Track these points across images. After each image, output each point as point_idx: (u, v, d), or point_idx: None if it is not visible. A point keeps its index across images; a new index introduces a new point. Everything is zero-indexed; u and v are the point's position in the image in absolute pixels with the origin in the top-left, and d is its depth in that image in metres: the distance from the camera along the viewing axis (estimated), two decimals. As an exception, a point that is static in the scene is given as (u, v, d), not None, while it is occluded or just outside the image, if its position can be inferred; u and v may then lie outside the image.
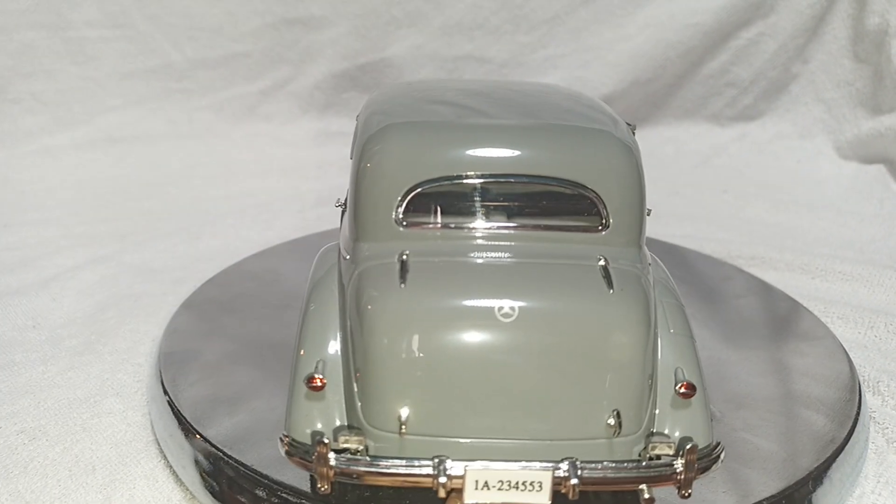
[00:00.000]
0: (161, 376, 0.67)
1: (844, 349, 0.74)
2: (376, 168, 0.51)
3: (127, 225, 1.08)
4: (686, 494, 0.44)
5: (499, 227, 0.50)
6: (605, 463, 0.43)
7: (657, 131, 1.50)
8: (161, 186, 1.23)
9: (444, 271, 0.47)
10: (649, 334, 0.45)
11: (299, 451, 0.45)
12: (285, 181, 1.27)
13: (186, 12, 1.39)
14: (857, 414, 0.64)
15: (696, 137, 1.51)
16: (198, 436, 0.59)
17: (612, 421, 0.43)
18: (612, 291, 0.46)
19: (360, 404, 0.45)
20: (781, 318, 0.85)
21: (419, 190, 0.49)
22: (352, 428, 0.45)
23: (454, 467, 0.42)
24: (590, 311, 0.45)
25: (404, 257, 0.47)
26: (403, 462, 0.43)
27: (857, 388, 0.68)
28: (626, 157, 0.51)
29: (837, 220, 1.19)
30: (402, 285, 0.45)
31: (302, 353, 0.48)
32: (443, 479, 0.42)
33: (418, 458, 0.43)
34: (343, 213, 0.61)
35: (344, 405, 0.46)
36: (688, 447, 0.43)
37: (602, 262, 0.48)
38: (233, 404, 0.63)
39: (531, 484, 0.42)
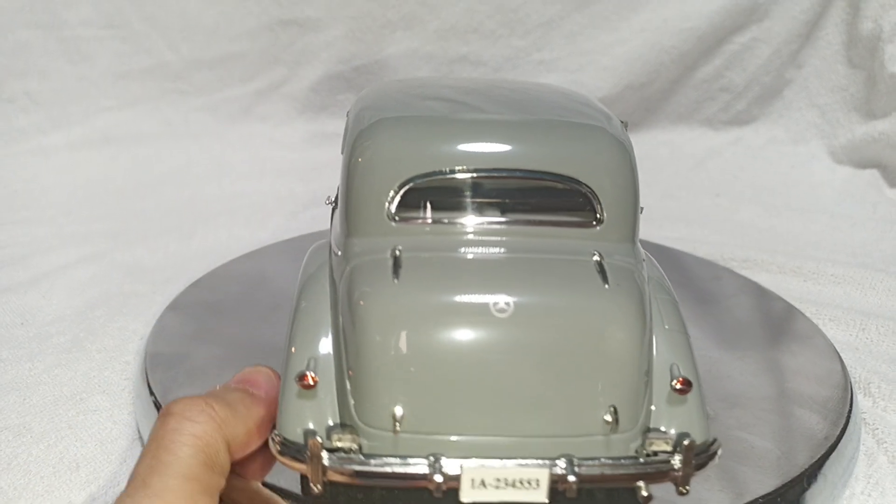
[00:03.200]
0: (147, 376, 0.66)
1: (836, 350, 0.74)
2: (367, 162, 0.49)
3: (119, 224, 1.08)
4: (684, 491, 0.43)
5: (492, 223, 0.49)
6: (602, 459, 0.42)
7: (651, 135, 1.51)
8: (155, 186, 1.23)
9: (438, 266, 0.46)
10: (645, 329, 0.44)
11: (291, 451, 0.42)
12: (279, 182, 1.27)
13: (182, 12, 1.39)
14: (850, 413, 0.63)
15: (691, 141, 1.51)
16: None
17: (608, 417, 0.42)
18: (607, 286, 0.45)
19: (353, 402, 0.43)
20: (774, 319, 0.85)
21: (412, 184, 0.48)
22: (345, 426, 0.43)
23: (450, 465, 0.41)
24: (585, 307, 0.44)
25: (397, 252, 0.46)
26: (398, 461, 0.41)
27: (849, 387, 0.67)
28: (619, 153, 0.50)
29: (830, 224, 1.19)
30: (395, 281, 0.44)
31: (293, 350, 0.46)
32: (438, 478, 0.40)
33: (413, 457, 0.41)
34: (334, 210, 0.61)
35: (336, 404, 0.43)
36: (685, 443, 0.42)
37: (596, 258, 0.47)
38: None
39: (528, 482, 0.41)
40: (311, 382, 0.43)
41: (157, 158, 1.31)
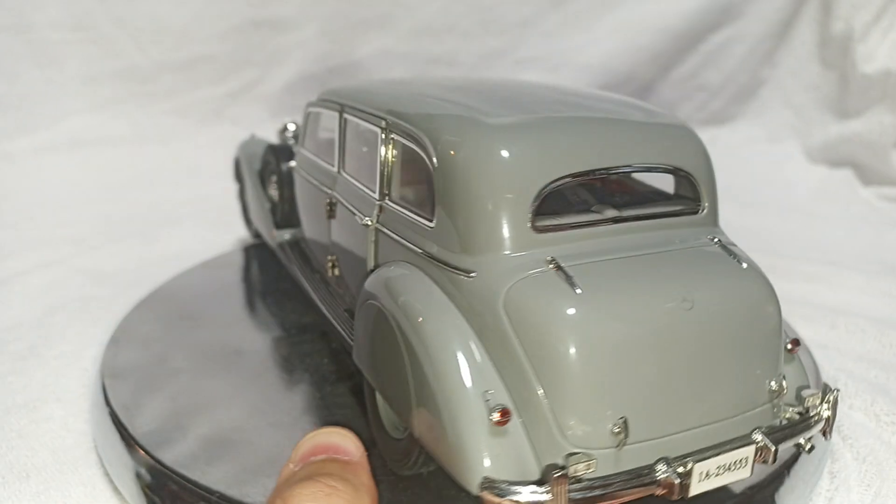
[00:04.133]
0: (104, 384, 0.64)
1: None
2: (500, 175, 0.45)
3: (83, 229, 1.06)
4: (829, 437, 0.48)
5: (617, 219, 0.49)
6: (782, 423, 0.46)
7: (627, 135, 1.50)
8: (122, 190, 1.21)
9: (605, 271, 0.44)
10: (778, 299, 0.48)
11: (507, 491, 0.40)
12: (251, 185, 1.25)
13: (152, 14, 1.38)
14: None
15: (666, 141, 1.51)
16: (140, 450, 0.56)
17: (773, 385, 0.46)
18: (744, 266, 0.47)
19: (559, 428, 0.41)
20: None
21: (548, 190, 0.46)
22: (574, 454, 0.41)
23: (681, 465, 0.42)
24: (745, 288, 0.46)
25: (557, 263, 0.44)
26: (639, 474, 0.41)
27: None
28: (703, 146, 0.53)
29: (803, 223, 1.19)
30: (578, 292, 0.42)
31: (453, 388, 0.42)
32: (676, 480, 0.42)
33: (647, 467, 0.42)
34: (376, 231, 0.56)
35: (523, 431, 0.42)
36: (832, 395, 0.47)
37: (716, 241, 0.49)
38: (179, 416, 0.60)
39: (740, 461, 0.44)
40: (506, 419, 0.41)
41: (124, 162, 1.29)
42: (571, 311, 0.42)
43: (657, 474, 0.42)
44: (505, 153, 0.46)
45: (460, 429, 0.42)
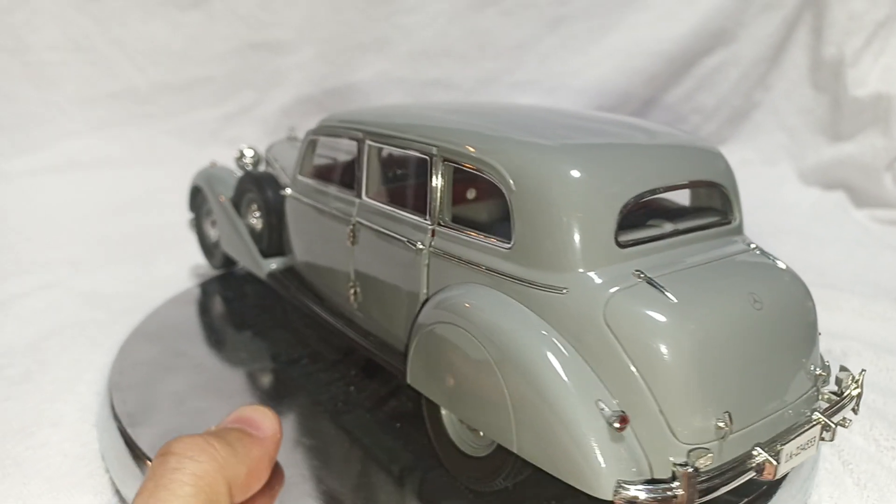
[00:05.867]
0: (112, 404, 0.64)
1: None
2: (586, 193, 0.48)
3: (80, 251, 1.05)
4: (857, 411, 0.53)
5: (679, 232, 0.52)
6: (833, 404, 0.51)
7: (623, 157, 1.51)
8: (118, 212, 1.20)
9: (689, 279, 0.48)
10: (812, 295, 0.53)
11: (641, 491, 0.42)
12: (248, 206, 1.25)
13: (150, 36, 1.38)
14: None
15: (662, 163, 1.52)
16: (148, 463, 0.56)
17: (819, 371, 0.51)
18: (783, 266, 0.53)
19: (673, 427, 0.44)
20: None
21: (628, 208, 0.49)
22: (695, 450, 0.44)
23: (773, 449, 0.46)
24: (794, 287, 0.52)
25: (645, 275, 0.47)
26: (742, 461, 0.45)
27: None
28: (729, 163, 0.58)
29: (799, 245, 1.19)
30: (675, 300, 0.45)
31: (567, 398, 0.44)
32: (773, 462, 0.45)
33: (747, 453, 0.45)
34: (423, 253, 0.56)
35: (633, 433, 0.44)
36: (861, 375, 0.53)
37: (754, 246, 0.55)
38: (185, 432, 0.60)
39: (809, 442, 0.48)
40: (626, 424, 0.43)
41: (122, 184, 1.29)
42: (673, 318, 0.45)
43: (755, 459, 0.45)
44: (589, 174, 0.49)
45: (582, 439, 0.44)
